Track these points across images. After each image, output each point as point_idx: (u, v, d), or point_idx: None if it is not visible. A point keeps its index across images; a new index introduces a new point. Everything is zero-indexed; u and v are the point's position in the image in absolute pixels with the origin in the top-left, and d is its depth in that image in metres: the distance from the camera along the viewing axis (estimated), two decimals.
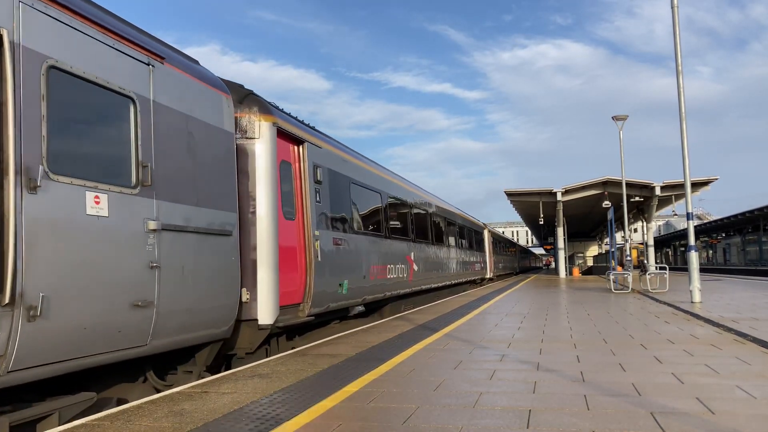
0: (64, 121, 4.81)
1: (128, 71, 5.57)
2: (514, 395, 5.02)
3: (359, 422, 4.29)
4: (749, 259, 56.17)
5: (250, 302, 7.67)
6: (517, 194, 40.19)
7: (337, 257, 10.21)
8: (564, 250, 44.25)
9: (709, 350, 7.16)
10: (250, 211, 7.82)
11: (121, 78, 5.48)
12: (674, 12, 14.72)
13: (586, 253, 67.40)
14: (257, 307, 7.68)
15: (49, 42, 4.67)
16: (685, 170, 14.48)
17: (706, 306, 12.90)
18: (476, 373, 6.07)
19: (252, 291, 7.69)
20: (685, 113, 14.42)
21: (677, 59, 14.64)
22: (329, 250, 9.85)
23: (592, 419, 4.22)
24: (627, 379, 5.60)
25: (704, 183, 36.75)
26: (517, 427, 4.07)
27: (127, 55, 5.58)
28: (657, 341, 8.04)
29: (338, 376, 6.08)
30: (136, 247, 5.43)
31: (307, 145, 9.38)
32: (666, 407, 4.49)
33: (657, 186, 37.66)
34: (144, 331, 5.56)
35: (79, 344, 4.80)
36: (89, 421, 4.52)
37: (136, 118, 5.62)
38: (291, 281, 8.53)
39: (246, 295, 7.58)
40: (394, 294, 14.14)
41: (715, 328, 9.26)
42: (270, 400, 5.05)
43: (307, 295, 8.95)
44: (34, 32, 4.54)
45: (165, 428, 4.26)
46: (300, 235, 8.97)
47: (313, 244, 9.08)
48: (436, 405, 4.75)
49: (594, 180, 38.05)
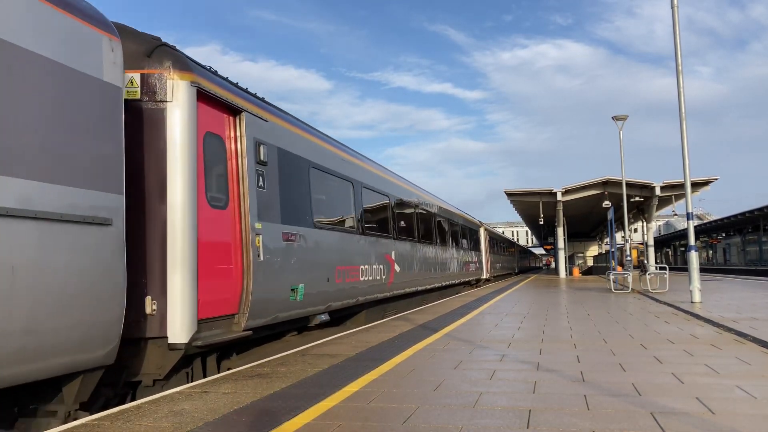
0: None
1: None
2: (514, 395, 5.02)
3: (359, 422, 4.29)
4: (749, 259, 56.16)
5: (157, 315, 6.01)
6: (517, 194, 40.19)
7: (289, 256, 8.40)
8: (564, 250, 44.25)
9: (709, 350, 7.16)
10: (158, 195, 6.15)
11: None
12: (674, 12, 14.72)
13: (586, 253, 67.43)
14: (166, 322, 6.02)
15: None
16: (685, 170, 14.48)
17: (706, 306, 12.90)
18: (476, 373, 6.07)
19: (159, 300, 6.04)
20: (685, 113, 14.42)
21: (677, 59, 14.64)
22: (277, 247, 8.05)
23: (592, 419, 4.22)
24: (627, 379, 5.60)
25: (704, 183, 36.76)
26: (517, 427, 4.07)
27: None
28: (657, 341, 8.04)
29: (338, 376, 6.08)
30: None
31: (246, 116, 7.59)
32: (666, 407, 4.49)
33: (657, 186, 37.67)
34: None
35: None
36: (89, 421, 4.52)
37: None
38: (218, 287, 6.83)
39: (151, 305, 6.01)
40: (370, 299, 12.27)
41: (715, 328, 9.26)
42: (270, 400, 5.05)
43: (243, 304, 7.21)
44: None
45: (165, 428, 4.26)
46: (234, 228, 7.25)
47: (252, 239, 7.35)
48: (436, 405, 4.75)
49: (594, 180, 38.05)
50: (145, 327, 6.02)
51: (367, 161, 13.57)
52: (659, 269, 22.38)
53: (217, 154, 7.16)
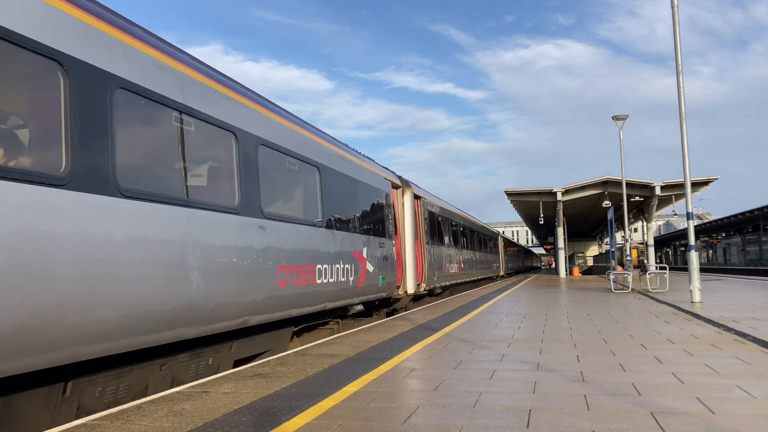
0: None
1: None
2: (514, 395, 5.02)
3: (359, 422, 4.28)
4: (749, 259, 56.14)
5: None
6: (517, 194, 40.19)
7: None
8: (564, 250, 44.24)
9: (709, 350, 7.16)
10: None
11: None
12: (674, 12, 14.72)
13: (586, 252, 67.41)
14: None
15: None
16: (685, 170, 14.48)
17: (706, 306, 12.90)
18: (476, 372, 6.07)
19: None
20: (686, 113, 14.42)
21: (677, 59, 14.64)
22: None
23: (592, 419, 4.21)
24: (627, 378, 5.60)
25: (704, 183, 36.76)
26: (517, 427, 4.07)
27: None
28: (657, 341, 8.04)
29: (338, 376, 6.08)
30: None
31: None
32: (666, 407, 4.49)
33: (657, 186, 37.68)
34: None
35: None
36: (89, 421, 4.52)
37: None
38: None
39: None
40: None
41: (715, 328, 9.26)
42: (270, 400, 5.04)
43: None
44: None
45: (165, 428, 4.25)
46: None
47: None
48: (436, 405, 4.75)
49: (594, 180, 38.06)
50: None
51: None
52: (659, 269, 22.37)
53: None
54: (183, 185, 6.27)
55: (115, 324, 5.08)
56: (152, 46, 6.20)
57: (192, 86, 6.67)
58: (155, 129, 6.06)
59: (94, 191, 4.98)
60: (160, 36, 6.57)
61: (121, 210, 5.24)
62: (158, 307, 5.62)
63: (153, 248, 5.60)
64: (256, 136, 7.91)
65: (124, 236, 5.23)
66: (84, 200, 4.84)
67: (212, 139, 7.00)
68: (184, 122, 6.47)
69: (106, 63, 5.41)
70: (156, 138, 6.05)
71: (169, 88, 6.27)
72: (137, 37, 5.97)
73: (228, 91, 7.46)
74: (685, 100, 14.57)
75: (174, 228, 5.93)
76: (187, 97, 6.53)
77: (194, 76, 6.77)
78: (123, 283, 5.18)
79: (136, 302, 5.33)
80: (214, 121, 6.95)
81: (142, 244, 5.46)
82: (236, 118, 7.46)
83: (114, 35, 5.59)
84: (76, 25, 5.12)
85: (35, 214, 4.37)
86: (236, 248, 6.99)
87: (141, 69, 5.87)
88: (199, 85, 6.80)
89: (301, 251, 8.70)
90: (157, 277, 5.62)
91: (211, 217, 6.61)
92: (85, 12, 5.26)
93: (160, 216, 5.75)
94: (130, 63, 5.72)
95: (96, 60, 5.29)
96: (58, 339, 4.53)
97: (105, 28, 5.49)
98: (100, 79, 5.31)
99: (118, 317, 5.11)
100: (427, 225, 17.90)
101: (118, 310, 5.12)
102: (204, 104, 6.81)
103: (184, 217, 6.10)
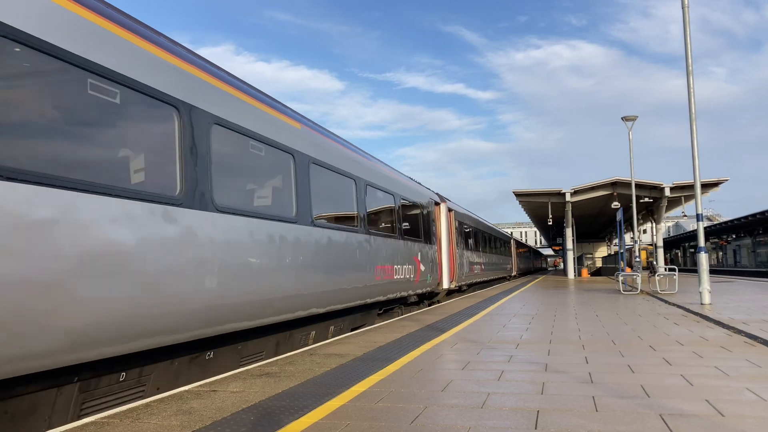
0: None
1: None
2: (522, 396, 5.01)
3: (367, 422, 4.29)
4: (759, 261, 55.75)
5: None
6: (525, 195, 40.09)
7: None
8: (573, 251, 44.08)
9: (719, 352, 7.12)
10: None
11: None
12: (685, 12, 14.63)
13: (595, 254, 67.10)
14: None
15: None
16: (695, 171, 14.40)
17: (716, 308, 12.82)
18: (484, 373, 6.06)
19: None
20: (696, 114, 14.34)
21: (687, 59, 14.55)
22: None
23: (600, 421, 4.20)
24: (636, 380, 5.57)
25: (714, 184, 36.53)
26: (525, 428, 4.06)
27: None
28: (666, 343, 8.00)
29: (346, 375, 6.08)
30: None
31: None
32: (675, 409, 4.47)
33: (666, 187, 37.47)
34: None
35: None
36: (98, 419, 4.55)
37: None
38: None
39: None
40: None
41: (725, 330, 9.20)
42: (278, 399, 5.06)
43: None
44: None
45: (173, 426, 4.27)
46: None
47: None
48: (444, 405, 4.74)
49: (603, 181, 37.89)
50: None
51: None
52: (668, 270, 22.25)
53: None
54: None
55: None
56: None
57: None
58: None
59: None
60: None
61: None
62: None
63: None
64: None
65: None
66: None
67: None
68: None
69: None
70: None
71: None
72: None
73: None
74: (696, 101, 14.48)
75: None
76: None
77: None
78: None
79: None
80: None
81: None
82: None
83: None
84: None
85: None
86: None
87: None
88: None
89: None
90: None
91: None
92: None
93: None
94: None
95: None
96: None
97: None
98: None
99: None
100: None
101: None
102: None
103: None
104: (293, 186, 8.51)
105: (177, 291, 5.75)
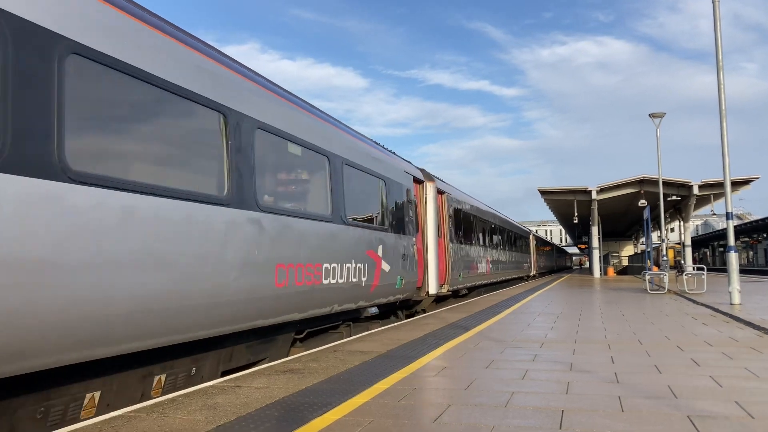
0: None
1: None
2: (546, 395, 4.97)
3: (390, 419, 4.29)
4: None
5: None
6: (551, 192, 39.72)
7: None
8: (599, 250, 43.58)
9: (749, 353, 6.98)
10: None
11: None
12: (715, 6, 14.35)
13: (621, 252, 66.27)
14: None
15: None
16: (725, 169, 14.12)
17: (746, 308, 12.57)
18: (508, 372, 6.02)
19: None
20: (726, 110, 14.06)
21: (718, 55, 14.27)
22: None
23: (626, 421, 4.15)
24: (663, 381, 5.49)
25: (745, 182, 35.78)
26: (549, 427, 4.03)
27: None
28: (694, 343, 7.87)
29: (369, 372, 6.10)
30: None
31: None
32: (703, 410, 4.39)
33: (695, 185, 36.81)
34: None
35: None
36: (125, 413, 4.62)
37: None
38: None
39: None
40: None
41: (755, 331, 9.01)
42: (302, 396, 5.09)
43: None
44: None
45: (199, 421, 4.33)
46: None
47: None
48: (467, 404, 4.73)
49: (630, 178, 37.37)
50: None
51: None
52: (696, 270, 21.89)
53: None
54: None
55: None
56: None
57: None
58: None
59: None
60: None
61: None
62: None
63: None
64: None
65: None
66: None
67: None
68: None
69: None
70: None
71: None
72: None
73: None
74: (726, 97, 14.20)
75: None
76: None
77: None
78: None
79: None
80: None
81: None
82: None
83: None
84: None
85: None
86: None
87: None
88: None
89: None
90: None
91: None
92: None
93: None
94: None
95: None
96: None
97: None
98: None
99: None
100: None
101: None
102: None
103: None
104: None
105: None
